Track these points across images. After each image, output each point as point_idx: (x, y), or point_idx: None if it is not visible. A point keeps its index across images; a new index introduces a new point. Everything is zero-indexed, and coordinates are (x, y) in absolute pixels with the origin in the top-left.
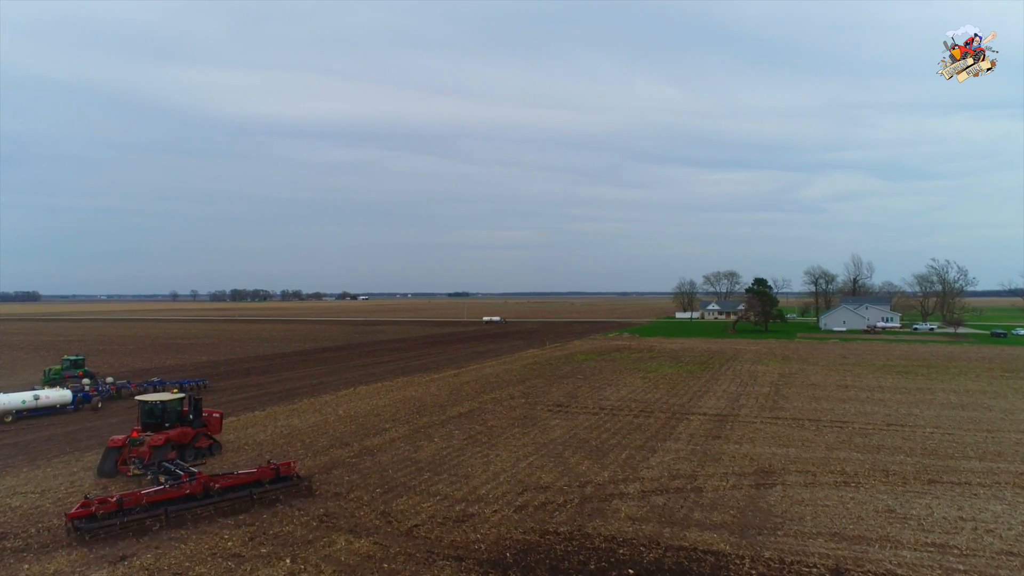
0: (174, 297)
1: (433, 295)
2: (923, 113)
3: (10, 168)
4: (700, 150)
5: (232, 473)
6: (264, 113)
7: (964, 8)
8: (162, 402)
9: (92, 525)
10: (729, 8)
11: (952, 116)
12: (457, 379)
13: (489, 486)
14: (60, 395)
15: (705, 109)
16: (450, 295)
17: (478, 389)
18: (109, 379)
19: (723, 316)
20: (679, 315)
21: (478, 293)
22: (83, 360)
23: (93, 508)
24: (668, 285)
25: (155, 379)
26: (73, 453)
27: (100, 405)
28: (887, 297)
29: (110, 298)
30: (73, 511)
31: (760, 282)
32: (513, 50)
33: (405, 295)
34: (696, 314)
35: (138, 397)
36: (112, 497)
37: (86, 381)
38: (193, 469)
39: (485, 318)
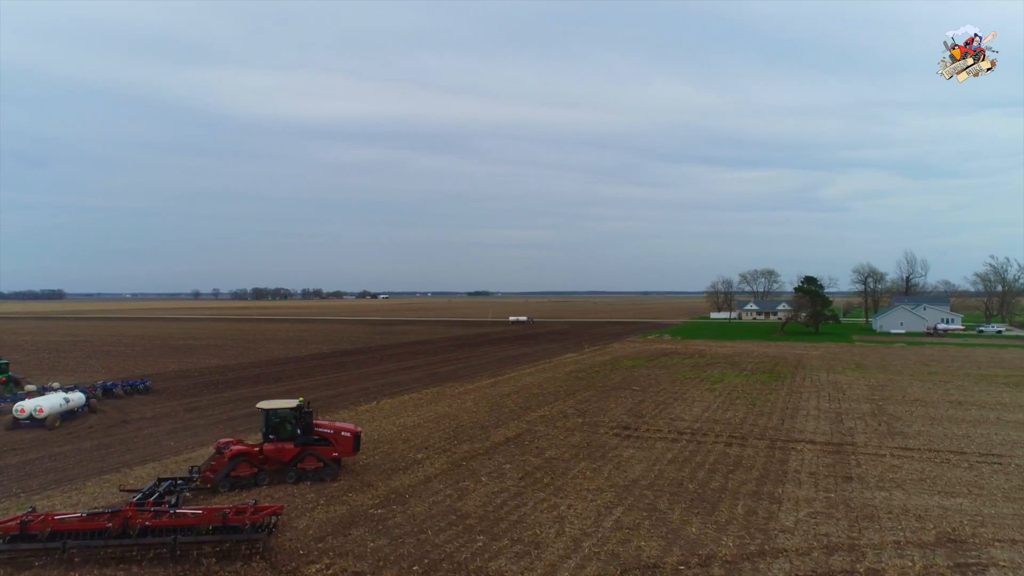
0: (196, 296)
1: (452, 294)
2: (946, 110)
3: (37, 169)
4: (719, 149)
5: (168, 512)
6: (284, 114)
7: (983, 6)
8: (264, 410)
9: None
10: (747, 6)
11: (976, 113)
12: (495, 390)
13: (572, 562)
14: (78, 398)
15: (723, 108)
16: (470, 294)
17: (522, 404)
18: (55, 384)
19: (762, 317)
20: (714, 315)
21: (497, 292)
22: (6, 364)
23: None
24: (688, 284)
25: (108, 382)
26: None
27: (96, 408)
28: (944, 297)
29: (134, 296)
30: None
31: (810, 280)
32: (530, 50)
33: (425, 294)
34: (733, 314)
35: (259, 404)
36: (18, 518)
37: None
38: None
39: (511, 318)
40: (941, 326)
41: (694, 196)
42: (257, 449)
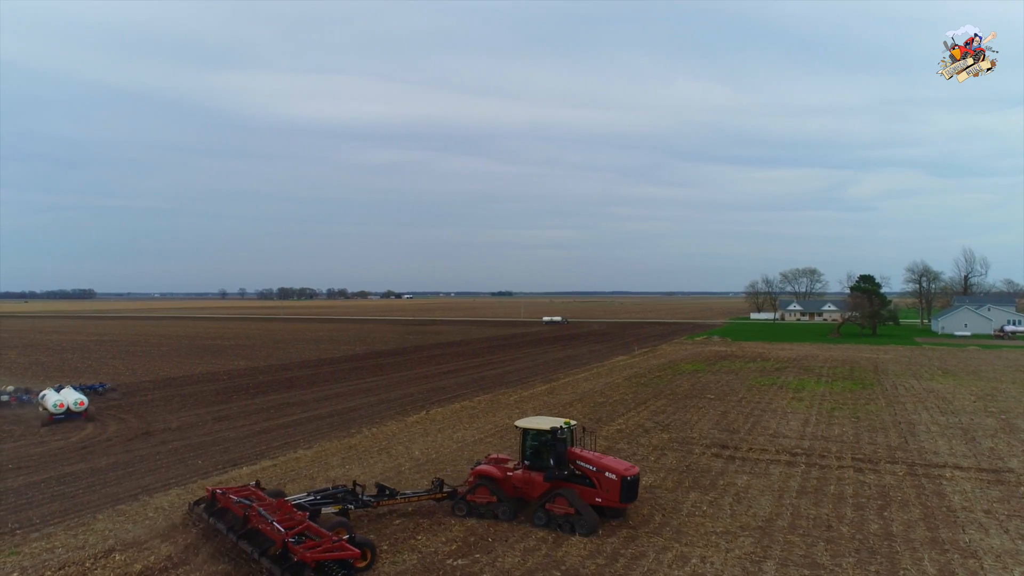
0: (223, 295)
1: (476, 294)
2: (977, 108)
3: (70, 171)
4: (744, 148)
5: (273, 527)
6: (310, 115)
7: (1012, 4)
8: (522, 429)
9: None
10: (771, 5)
11: (1008, 111)
12: (554, 398)
13: None
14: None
15: (749, 107)
16: (493, 294)
17: (590, 415)
18: (10, 388)
19: (806, 317)
20: (754, 316)
21: (520, 292)
22: None
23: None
24: (714, 285)
25: (71, 385)
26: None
27: None
28: (1010, 297)
29: (162, 296)
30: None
31: (867, 279)
32: (553, 50)
33: (448, 294)
34: (776, 315)
35: (517, 422)
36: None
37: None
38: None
39: (545, 318)
40: (1009, 328)
41: (719, 196)
42: (508, 474)
